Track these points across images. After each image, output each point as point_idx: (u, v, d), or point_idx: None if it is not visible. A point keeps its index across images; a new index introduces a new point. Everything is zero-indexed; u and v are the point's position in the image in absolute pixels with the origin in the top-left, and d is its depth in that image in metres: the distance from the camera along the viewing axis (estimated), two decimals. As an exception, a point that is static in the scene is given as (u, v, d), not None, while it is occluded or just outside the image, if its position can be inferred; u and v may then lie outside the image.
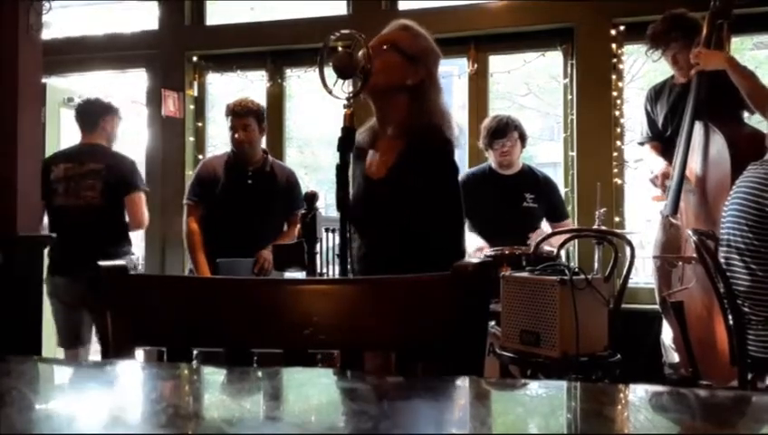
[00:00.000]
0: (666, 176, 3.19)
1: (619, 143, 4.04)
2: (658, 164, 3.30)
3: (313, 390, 0.78)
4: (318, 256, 2.82)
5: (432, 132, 1.91)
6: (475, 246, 3.36)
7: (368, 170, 2.00)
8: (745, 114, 3.17)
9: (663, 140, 3.35)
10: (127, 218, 3.51)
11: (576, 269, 2.42)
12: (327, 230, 3.03)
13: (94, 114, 3.55)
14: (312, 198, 2.25)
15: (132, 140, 5.71)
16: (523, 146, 3.61)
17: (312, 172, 11.03)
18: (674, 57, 3.23)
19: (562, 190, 3.95)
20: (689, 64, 3.16)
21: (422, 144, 1.90)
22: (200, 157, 4.79)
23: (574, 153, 4.08)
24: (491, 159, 3.61)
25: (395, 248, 1.91)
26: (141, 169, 4.75)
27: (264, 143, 3.60)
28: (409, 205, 1.88)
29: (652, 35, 3.25)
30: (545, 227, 3.62)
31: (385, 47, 1.95)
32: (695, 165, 3.08)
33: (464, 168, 4.03)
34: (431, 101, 1.96)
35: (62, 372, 0.92)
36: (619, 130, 4.05)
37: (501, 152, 3.51)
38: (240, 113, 3.35)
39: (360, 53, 1.79)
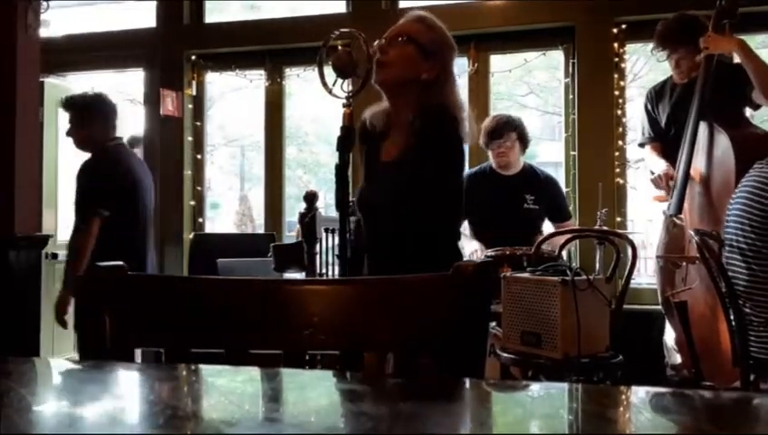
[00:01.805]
0: (669, 177, 3.17)
1: (620, 143, 4.04)
2: (659, 165, 3.28)
3: (313, 391, 0.78)
4: (318, 257, 2.82)
5: (443, 122, 1.91)
6: (469, 250, 3.35)
7: (383, 155, 1.99)
8: (749, 111, 3.16)
9: (664, 140, 3.34)
10: None
11: (577, 269, 2.41)
12: (327, 230, 3.01)
13: None
14: (311, 197, 2.24)
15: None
16: (525, 146, 3.57)
17: (312, 171, 11.05)
18: (677, 61, 3.21)
19: (564, 190, 3.94)
20: (690, 69, 3.15)
21: (432, 133, 1.89)
22: (198, 156, 4.79)
23: (576, 153, 4.07)
24: (491, 160, 3.60)
25: (400, 232, 1.91)
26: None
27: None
28: (413, 192, 1.88)
29: (661, 36, 3.21)
30: (548, 227, 3.60)
31: (401, 39, 1.94)
32: (699, 165, 3.07)
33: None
34: (445, 93, 1.94)
35: (60, 372, 0.91)
36: (620, 129, 4.05)
37: (498, 153, 3.49)
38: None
39: (363, 48, 1.78)
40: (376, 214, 1.97)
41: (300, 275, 2.66)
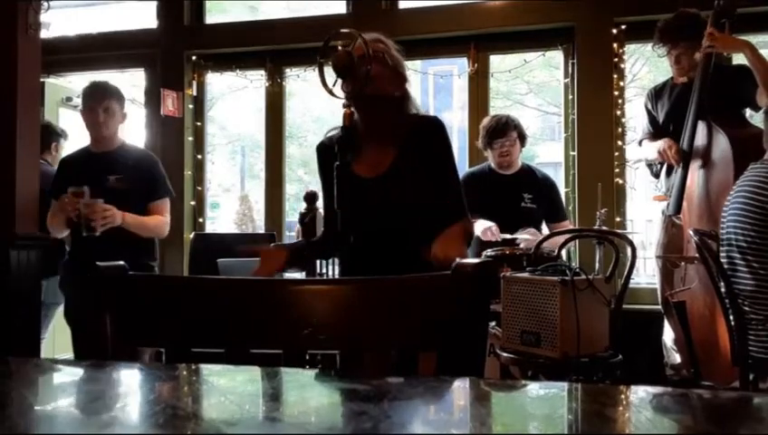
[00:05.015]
0: (671, 147, 3.12)
1: (620, 143, 4.04)
2: (658, 143, 3.21)
3: (313, 390, 0.78)
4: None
5: (419, 119, 2.03)
6: (482, 227, 3.32)
7: (358, 171, 1.99)
8: (748, 112, 3.16)
9: (663, 135, 3.33)
10: None
11: (577, 269, 2.41)
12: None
13: None
14: (311, 197, 2.24)
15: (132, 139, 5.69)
16: (523, 145, 3.60)
17: (313, 171, 11.04)
18: (677, 57, 3.22)
19: (563, 190, 3.94)
20: (690, 66, 3.15)
21: (419, 131, 1.98)
22: (198, 156, 4.79)
23: (575, 153, 4.07)
24: (490, 159, 3.61)
25: (398, 240, 1.94)
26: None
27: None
28: (419, 183, 1.94)
29: (663, 30, 3.22)
30: (545, 228, 3.61)
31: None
32: (698, 165, 3.07)
33: (464, 168, 4.02)
34: (414, 105, 2.06)
35: (60, 373, 0.91)
36: (620, 129, 4.05)
37: (500, 152, 3.51)
38: None
39: (356, 44, 1.79)
40: (372, 226, 1.97)
41: (300, 275, 2.66)
